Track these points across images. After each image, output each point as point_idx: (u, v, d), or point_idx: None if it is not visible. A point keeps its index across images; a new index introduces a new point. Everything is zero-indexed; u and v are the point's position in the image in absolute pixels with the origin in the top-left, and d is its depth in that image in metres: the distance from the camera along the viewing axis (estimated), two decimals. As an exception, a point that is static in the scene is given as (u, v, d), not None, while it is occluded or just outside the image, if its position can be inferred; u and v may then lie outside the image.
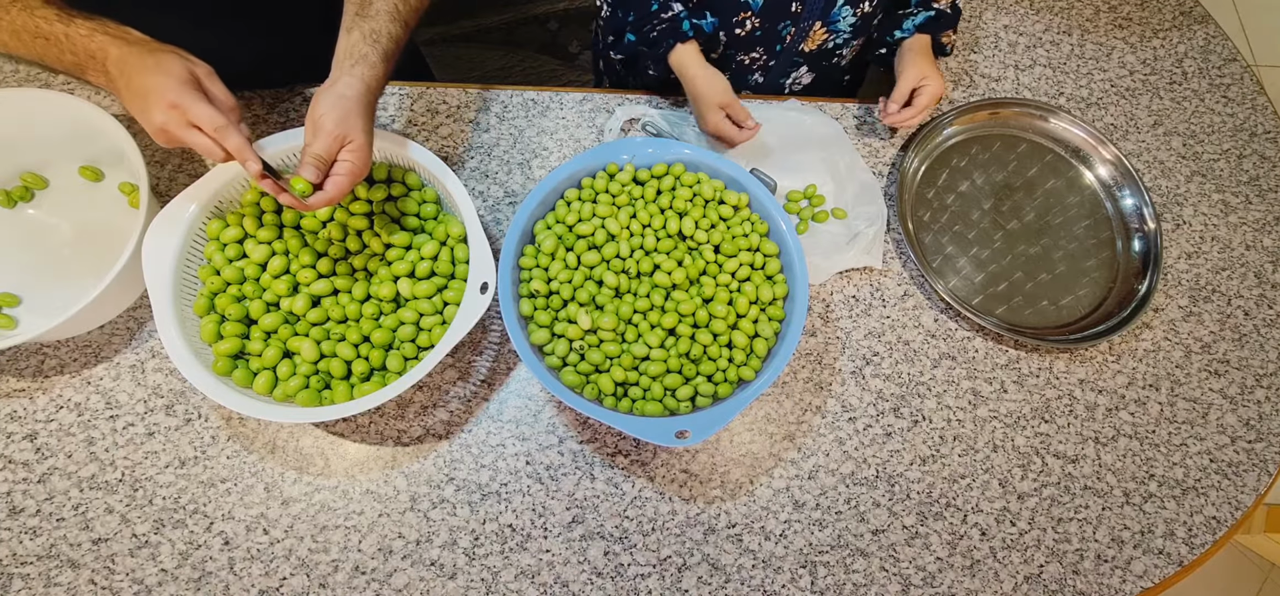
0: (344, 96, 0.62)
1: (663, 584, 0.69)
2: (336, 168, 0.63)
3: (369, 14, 0.65)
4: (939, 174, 0.91)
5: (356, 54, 0.63)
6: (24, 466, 0.70)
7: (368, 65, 0.63)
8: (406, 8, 0.67)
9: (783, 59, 0.91)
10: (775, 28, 0.86)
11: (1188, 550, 0.74)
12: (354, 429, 0.73)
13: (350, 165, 0.62)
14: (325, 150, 0.61)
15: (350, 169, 0.62)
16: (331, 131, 0.61)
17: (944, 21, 0.87)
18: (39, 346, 0.74)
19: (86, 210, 0.80)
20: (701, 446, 0.75)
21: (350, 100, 0.62)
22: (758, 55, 0.90)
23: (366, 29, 0.64)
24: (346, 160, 0.62)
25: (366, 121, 0.63)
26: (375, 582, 0.68)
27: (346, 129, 0.61)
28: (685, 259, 0.73)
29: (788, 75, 0.95)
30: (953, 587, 0.71)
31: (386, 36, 0.65)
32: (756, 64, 0.92)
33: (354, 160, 0.62)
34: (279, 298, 0.71)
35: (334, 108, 0.61)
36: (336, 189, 0.62)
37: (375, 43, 0.64)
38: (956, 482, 0.75)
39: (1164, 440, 0.79)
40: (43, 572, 0.66)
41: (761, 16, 0.84)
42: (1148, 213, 0.88)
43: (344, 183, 0.62)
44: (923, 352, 0.81)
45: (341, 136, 0.62)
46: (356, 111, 0.62)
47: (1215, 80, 1.01)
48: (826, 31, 0.87)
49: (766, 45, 0.88)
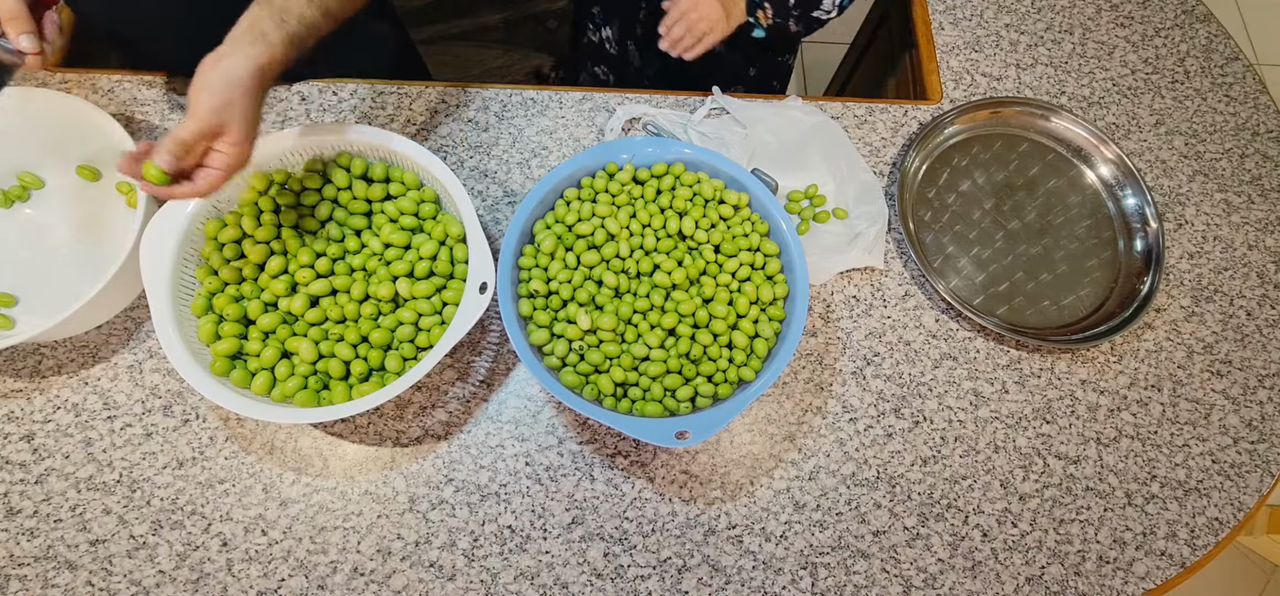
0: (228, 78, 0.53)
1: (663, 585, 0.69)
2: (211, 159, 0.55)
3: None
4: (940, 173, 0.91)
5: (257, 30, 0.55)
6: (21, 467, 0.69)
7: (267, 45, 0.55)
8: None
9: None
10: None
11: (1190, 551, 0.74)
12: (352, 429, 0.73)
13: (226, 159, 0.54)
14: (191, 137, 0.53)
15: (225, 163, 0.54)
16: (205, 118, 0.52)
17: None
18: (36, 346, 0.74)
19: (84, 210, 0.80)
20: (701, 447, 0.75)
21: (235, 85, 0.53)
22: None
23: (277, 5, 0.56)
24: (222, 153, 0.54)
25: (251, 110, 0.55)
26: (374, 583, 0.68)
27: (225, 118, 0.53)
28: (685, 259, 0.73)
29: None
30: (954, 589, 0.71)
31: (297, 19, 0.57)
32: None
33: (231, 154, 0.54)
34: (277, 297, 0.71)
35: (213, 89, 0.53)
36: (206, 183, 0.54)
37: (281, 23, 0.56)
38: (958, 483, 0.75)
39: (1166, 441, 0.79)
40: (40, 574, 0.66)
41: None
42: (1150, 212, 0.88)
43: (216, 177, 0.55)
44: (924, 353, 0.80)
45: (217, 126, 0.53)
46: (240, 99, 0.53)
47: (1217, 79, 1.00)
48: None
49: None
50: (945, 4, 1.02)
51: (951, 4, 1.02)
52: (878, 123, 0.93)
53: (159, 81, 0.86)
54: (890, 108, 0.94)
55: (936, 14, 1.01)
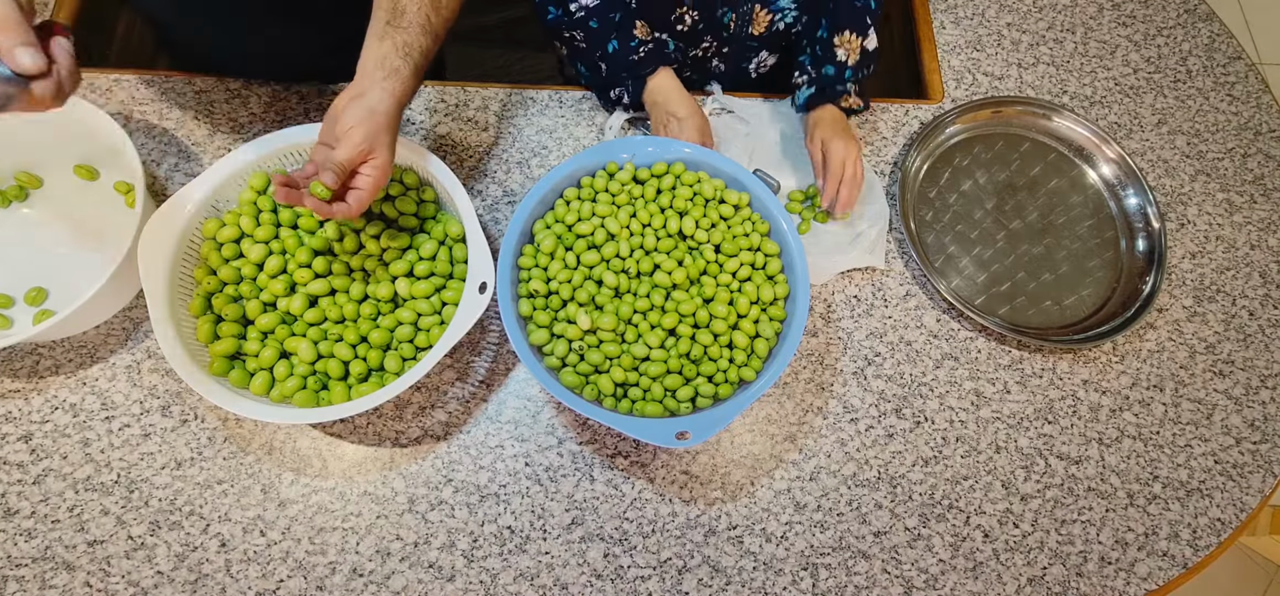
0: (375, 111, 0.60)
1: (663, 586, 0.69)
2: (358, 181, 0.61)
3: (401, 25, 0.62)
4: (941, 173, 0.91)
5: (388, 66, 0.61)
6: (19, 468, 0.69)
7: (399, 80, 0.61)
8: (438, 20, 0.65)
9: (735, 45, 0.88)
10: (715, 16, 0.83)
11: (1192, 552, 0.74)
12: (351, 430, 0.73)
13: (373, 180, 0.61)
14: (349, 161, 0.60)
15: (373, 184, 0.61)
16: (359, 144, 0.60)
17: (829, 90, 0.83)
18: (34, 346, 0.74)
19: (82, 209, 0.80)
20: (702, 447, 0.74)
21: (381, 115, 0.60)
22: (708, 44, 0.87)
23: (399, 40, 0.62)
24: (369, 175, 0.61)
25: (393, 137, 0.62)
26: (373, 584, 0.67)
27: (374, 144, 0.60)
28: (685, 259, 0.73)
29: (748, 60, 0.92)
30: (955, 590, 0.71)
31: (418, 51, 0.63)
32: (710, 53, 0.89)
33: (377, 176, 0.61)
34: (276, 298, 0.70)
35: (364, 121, 0.60)
36: (359, 203, 0.61)
37: (407, 56, 0.62)
38: (959, 484, 0.75)
39: (1168, 441, 0.78)
40: (38, 575, 0.66)
41: (697, 9, 0.82)
42: (1151, 212, 0.87)
43: (366, 197, 0.61)
44: (925, 353, 0.80)
45: (367, 152, 0.60)
46: (386, 127, 0.61)
47: (1219, 79, 1.00)
48: (769, 12, 0.84)
49: (713, 33, 0.86)
50: (946, 3, 1.02)
51: (953, 3, 1.02)
52: (879, 122, 0.93)
53: (157, 80, 0.86)
54: (891, 107, 0.94)
55: (938, 13, 1.01)
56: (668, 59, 0.82)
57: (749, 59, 0.92)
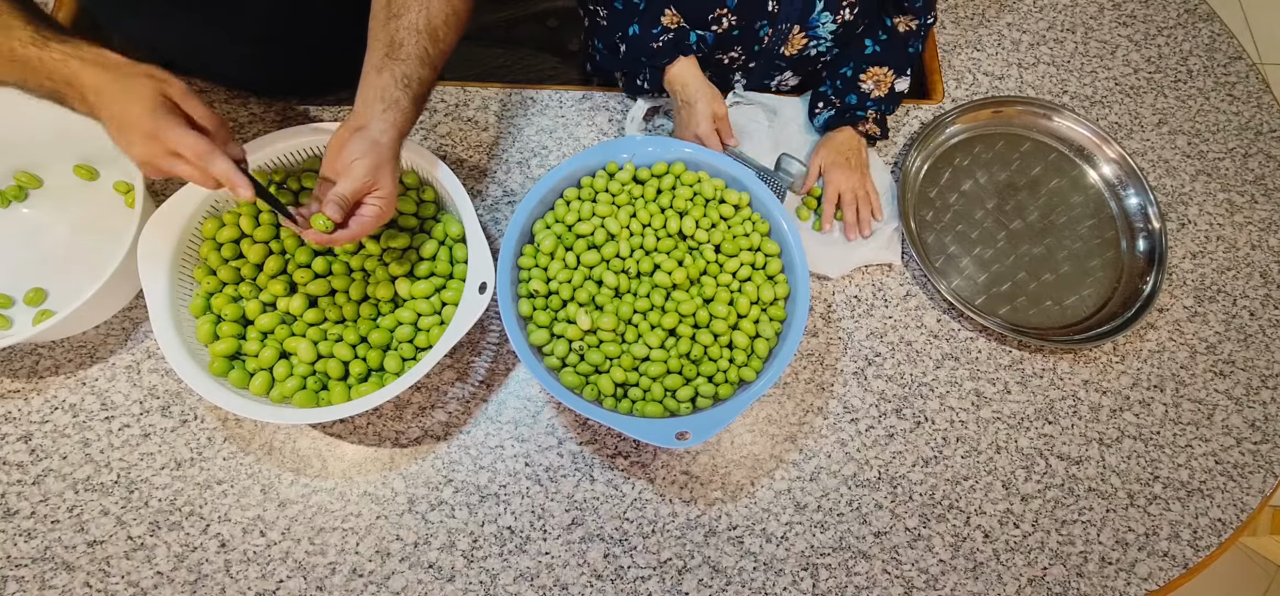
0: (377, 143, 0.60)
1: (663, 586, 0.69)
2: (362, 210, 0.62)
3: (400, 57, 0.62)
4: (942, 173, 0.90)
5: (389, 98, 0.61)
6: (18, 468, 0.69)
7: (400, 111, 0.61)
8: (436, 51, 0.65)
9: (763, 60, 0.88)
10: (752, 27, 0.83)
11: (1193, 552, 0.74)
12: (351, 430, 0.73)
13: (377, 211, 0.62)
14: (353, 194, 0.60)
15: (376, 213, 0.62)
16: (362, 177, 0.60)
17: (848, 114, 0.83)
18: (34, 346, 0.74)
19: (82, 209, 0.80)
20: (702, 447, 0.74)
21: (384, 148, 0.60)
22: (737, 54, 0.87)
23: (398, 72, 0.62)
24: (373, 206, 0.62)
25: (396, 169, 0.62)
26: (373, 584, 0.67)
27: (377, 177, 0.61)
28: (685, 259, 0.73)
29: (771, 78, 0.92)
30: (955, 590, 0.70)
31: (417, 81, 0.63)
32: (736, 63, 0.89)
33: (381, 207, 0.62)
34: (276, 298, 0.70)
35: (367, 154, 0.60)
36: (361, 228, 0.61)
37: (406, 87, 0.62)
38: (959, 484, 0.75)
39: (1169, 441, 0.78)
40: (37, 575, 0.66)
41: (738, 14, 0.81)
42: (1152, 212, 0.87)
43: (369, 225, 0.62)
44: (925, 353, 0.80)
45: (371, 184, 0.61)
46: (389, 159, 0.61)
47: (1220, 78, 1.00)
48: (806, 37, 0.84)
49: (744, 45, 0.85)
50: (947, 2, 1.02)
51: (953, 2, 1.02)
52: (879, 122, 0.92)
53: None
54: (891, 107, 0.94)
55: (938, 12, 1.01)
56: (687, 51, 0.81)
57: (773, 76, 0.92)
